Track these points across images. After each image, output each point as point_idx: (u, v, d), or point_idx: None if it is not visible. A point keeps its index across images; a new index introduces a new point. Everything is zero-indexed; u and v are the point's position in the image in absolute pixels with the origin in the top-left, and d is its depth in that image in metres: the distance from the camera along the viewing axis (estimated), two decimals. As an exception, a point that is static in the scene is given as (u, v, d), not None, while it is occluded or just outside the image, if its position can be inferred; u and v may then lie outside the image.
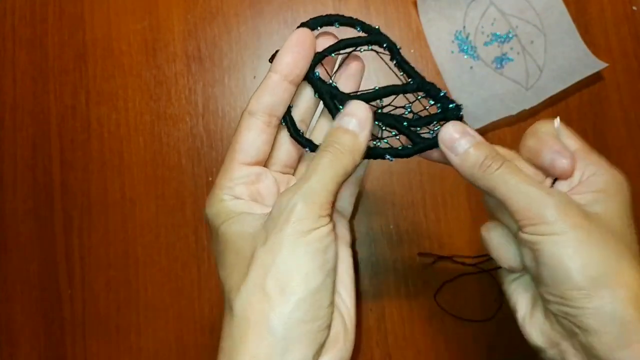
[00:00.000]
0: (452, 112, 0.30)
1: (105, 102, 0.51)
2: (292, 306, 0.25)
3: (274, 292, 0.25)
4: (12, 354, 0.49)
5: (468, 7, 0.51)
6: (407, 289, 0.48)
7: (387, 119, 0.31)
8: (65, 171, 0.50)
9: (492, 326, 0.48)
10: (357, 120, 0.29)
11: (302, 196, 0.26)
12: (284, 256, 0.26)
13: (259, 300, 0.26)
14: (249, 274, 0.26)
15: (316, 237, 0.26)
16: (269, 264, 0.26)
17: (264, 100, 0.30)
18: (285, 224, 0.26)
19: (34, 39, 0.52)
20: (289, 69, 0.30)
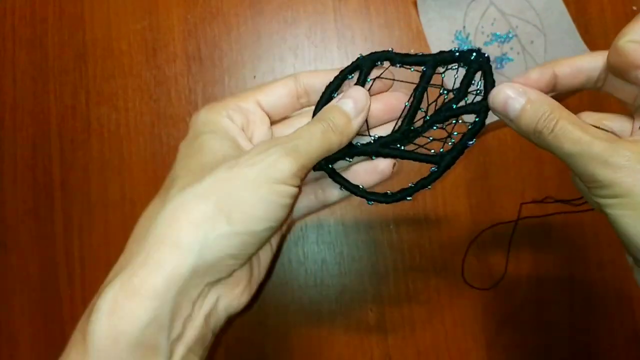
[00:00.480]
0: (477, 61, 0.31)
1: (105, 102, 0.51)
2: (226, 232, 0.25)
3: (216, 211, 0.25)
4: (12, 354, 0.49)
5: (468, 7, 0.51)
6: (407, 289, 0.48)
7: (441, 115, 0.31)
8: (65, 171, 0.50)
9: (491, 325, 0.48)
10: (354, 105, 0.30)
11: (286, 149, 0.26)
12: (245, 188, 0.25)
13: (197, 208, 0.25)
14: (202, 182, 0.25)
15: (282, 191, 0.26)
16: (227, 185, 0.25)
17: (317, 84, 0.31)
18: (260, 163, 0.26)
19: (34, 39, 0.52)
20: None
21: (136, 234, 0.27)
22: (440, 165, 0.31)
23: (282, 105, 0.32)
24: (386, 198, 0.32)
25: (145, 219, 0.27)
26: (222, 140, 0.28)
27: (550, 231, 0.49)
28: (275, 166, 0.26)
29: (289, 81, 0.31)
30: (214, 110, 0.30)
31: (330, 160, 0.32)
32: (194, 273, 0.24)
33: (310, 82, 0.31)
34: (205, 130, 0.29)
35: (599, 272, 0.48)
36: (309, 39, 0.51)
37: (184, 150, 0.29)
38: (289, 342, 0.48)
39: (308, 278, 0.48)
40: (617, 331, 0.48)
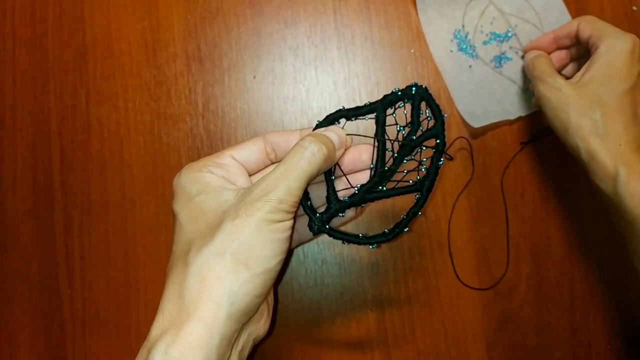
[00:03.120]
0: (418, 93, 0.35)
1: (105, 102, 0.51)
2: (248, 277, 0.29)
3: (234, 262, 0.28)
4: (12, 354, 0.49)
5: (467, 6, 0.51)
6: (407, 289, 0.48)
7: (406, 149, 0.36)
8: (65, 171, 0.50)
9: (491, 323, 0.48)
10: (338, 139, 0.34)
11: (280, 191, 0.30)
12: (251, 235, 0.29)
13: (218, 263, 0.29)
14: (214, 240, 0.29)
15: (281, 228, 0.30)
16: (236, 237, 0.29)
17: (281, 143, 0.36)
18: (258, 211, 0.29)
19: (34, 39, 0.52)
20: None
21: (169, 294, 0.30)
22: (423, 191, 0.35)
23: (254, 161, 0.36)
24: (386, 237, 0.35)
25: (173, 282, 0.30)
26: (214, 196, 0.31)
27: (550, 231, 0.49)
28: (273, 210, 0.29)
29: (259, 140, 0.36)
30: (194, 169, 0.33)
31: (325, 221, 0.34)
32: (229, 320, 0.28)
33: (276, 140, 0.36)
34: (194, 193, 0.32)
35: (599, 272, 0.48)
36: (309, 39, 0.51)
37: (183, 214, 0.32)
38: (289, 342, 0.48)
39: (308, 278, 0.48)
40: (617, 331, 0.48)
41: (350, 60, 0.50)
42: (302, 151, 0.32)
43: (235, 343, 0.30)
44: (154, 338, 0.28)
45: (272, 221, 0.29)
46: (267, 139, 0.36)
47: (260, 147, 0.36)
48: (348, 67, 0.50)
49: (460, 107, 0.49)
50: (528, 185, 0.49)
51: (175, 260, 0.31)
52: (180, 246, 0.31)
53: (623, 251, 0.48)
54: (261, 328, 0.35)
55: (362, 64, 0.50)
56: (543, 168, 0.49)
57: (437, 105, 0.35)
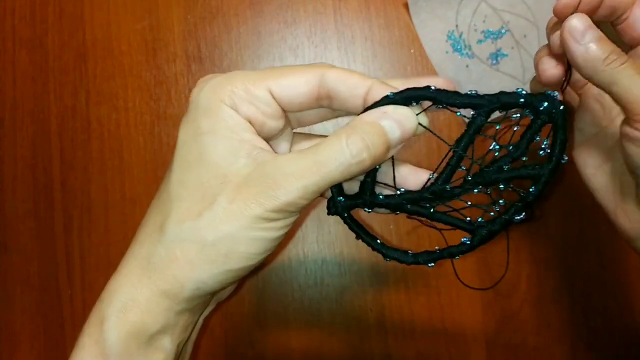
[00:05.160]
0: (548, 110, 0.25)
1: (105, 102, 0.51)
2: (222, 271, 0.26)
3: (212, 253, 0.25)
4: (12, 354, 0.49)
5: (459, 5, 0.51)
6: (407, 289, 0.48)
7: (486, 177, 0.26)
8: (65, 171, 0.50)
9: (491, 323, 0.48)
10: (400, 133, 0.26)
11: (292, 193, 0.24)
12: (241, 229, 0.25)
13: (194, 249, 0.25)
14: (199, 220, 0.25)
15: (277, 226, 0.26)
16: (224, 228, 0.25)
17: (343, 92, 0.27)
18: (258, 206, 0.24)
19: (34, 39, 0.52)
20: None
21: (136, 248, 0.28)
22: (474, 239, 0.27)
23: (297, 103, 0.27)
24: (406, 258, 0.28)
25: (144, 238, 0.28)
26: (224, 147, 0.26)
27: (550, 231, 0.49)
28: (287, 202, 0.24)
29: (313, 78, 0.26)
30: (217, 94, 0.26)
31: (346, 208, 0.28)
32: (192, 298, 0.26)
33: (336, 87, 0.26)
34: (204, 128, 0.26)
35: (599, 272, 0.48)
36: (309, 39, 0.51)
37: (183, 150, 0.28)
38: (289, 342, 0.48)
39: (308, 278, 0.48)
40: (617, 331, 0.48)
41: (350, 60, 0.50)
42: (338, 154, 0.25)
43: (197, 311, 0.28)
44: (111, 291, 0.27)
45: (270, 219, 0.25)
46: (325, 80, 0.26)
47: (311, 86, 0.26)
48: (348, 67, 0.50)
49: (460, 107, 0.49)
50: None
51: (156, 206, 0.28)
52: (164, 194, 0.27)
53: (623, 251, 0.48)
54: (225, 294, 0.33)
55: (362, 64, 0.50)
56: (543, 168, 0.49)
57: (565, 140, 0.25)
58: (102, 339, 0.26)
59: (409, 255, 0.28)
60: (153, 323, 0.26)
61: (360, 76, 0.27)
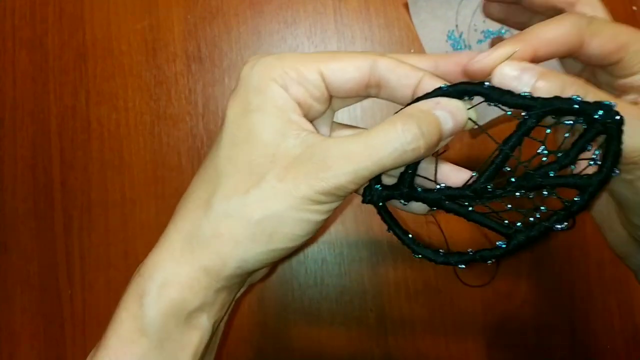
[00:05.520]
0: (603, 121, 0.23)
1: (105, 102, 0.51)
2: (266, 250, 0.25)
3: (257, 231, 0.25)
4: (12, 354, 0.49)
5: (459, 5, 0.51)
6: (407, 289, 0.48)
7: (531, 181, 0.26)
8: (65, 171, 0.50)
9: (491, 323, 0.48)
10: (453, 125, 0.26)
11: (343, 176, 0.24)
12: (288, 209, 0.24)
13: (240, 225, 0.25)
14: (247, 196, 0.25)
15: (324, 210, 0.25)
16: (271, 205, 0.25)
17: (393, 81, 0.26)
18: (308, 187, 0.24)
19: (34, 39, 0.52)
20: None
21: (180, 222, 0.27)
22: (510, 243, 0.26)
23: (346, 88, 0.27)
24: (436, 257, 0.28)
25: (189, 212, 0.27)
26: (272, 125, 0.25)
27: (550, 231, 0.49)
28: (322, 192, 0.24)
29: (365, 64, 0.26)
30: (269, 73, 0.26)
31: (383, 198, 0.28)
32: (231, 276, 0.26)
33: (388, 76, 0.26)
34: (253, 105, 0.26)
35: (599, 272, 0.48)
36: (309, 39, 0.51)
37: (231, 128, 0.26)
38: (289, 342, 0.48)
39: (308, 278, 0.48)
40: (617, 331, 0.48)
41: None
42: (393, 139, 0.24)
43: (234, 290, 0.28)
44: (152, 265, 0.26)
45: (317, 202, 0.24)
46: (376, 68, 0.26)
47: (362, 75, 0.26)
48: (348, 67, 0.50)
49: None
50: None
51: (202, 182, 0.27)
52: (211, 169, 0.27)
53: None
54: (259, 275, 0.32)
55: (362, 64, 0.50)
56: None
57: (619, 152, 0.24)
58: (141, 314, 0.26)
59: (439, 255, 0.28)
60: (192, 300, 0.25)
61: (411, 67, 0.26)
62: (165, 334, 0.26)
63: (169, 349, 0.26)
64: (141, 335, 0.26)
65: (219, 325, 0.29)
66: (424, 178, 0.28)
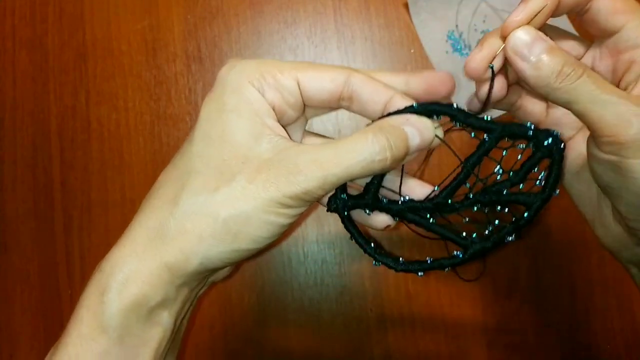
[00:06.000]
0: (550, 147, 0.26)
1: (105, 102, 0.51)
2: (229, 249, 0.26)
3: (223, 230, 0.25)
4: (12, 354, 0.49)
5: (459, 5, 0.51)
6: (407, 289, 0.48)
7: (487, 197, 0.28)
8: (65, 171, 0.50)
9: (491, 323, 0.48)
10: (419, 141, 0.27)
11: (312, 181, 0.25)
12: (255, 211, 0.25)
13: (206, 222, 0.25)
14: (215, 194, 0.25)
15: (290, 214, 0.26)
16: (239, 206, 0.25)
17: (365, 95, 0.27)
18: (276, 190, 0.25)
19: (34, 39, 0.52)
20: None
21: (144, 217, 0.27)
22: (467, 252, 0.28)
23: (320, 99, 0.28)
24: (395, 265, 0.29)
25: (155, 207, 0.27)
26: (247, 127, 0.26)
27: (550, 231, 0.49)
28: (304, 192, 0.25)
29: (339, 77, 0.27)
30: (247, 76, 0.27)
31: (347, 207, 0.29)
32: (193, 273, 0.26)
33: (361, 90, 0.27)
34: (229, 106, 0.26)
35: (599, 272, 0.48)
36: (309, 39, 0.51)
37: (205, 126, 0.27)
38: (289, 342, 0.48)
39: (308, 278, 0.48)
40: (617, 331, 0.48)
41: (350, 60, 0.50)
42: (363, 148, 0.25)
43: (195, 288, 0.28)
44: (114, 262, 0.26)
45: (284, 205, 0.25)
46: (350, 81, 0.27)
47: (337, 86, 0.27)
48: (348, 67, 0.50)
49: (460, 107, 0.49)
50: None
51: (170, 179, 0.27)
52: (181, 165, 0.27)
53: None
54: (223, 274, 0.33)
55: (362, 64, 0.50)
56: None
57: (558, 175, 0.27)
58: (102, 311, 0.26)
59: (399, 263, 0.29)
60: (154, 296, 0.26)
61: (383, 85, 0.28)
62: (126, 330, 0.26)
63: (130, 345, 0.26)
64: (101, 332, 0.26)
65: (181, 322, 0.29)
66: (389, 190, 0.29)
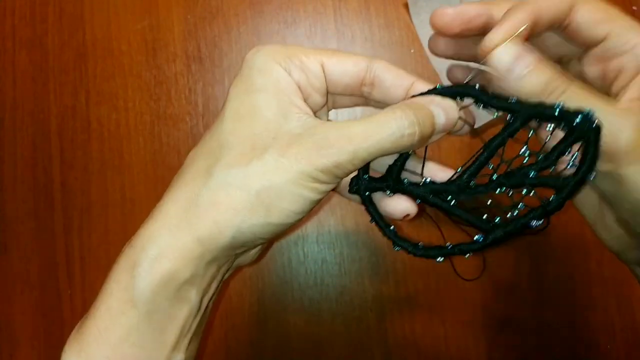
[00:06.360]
0: (582, 128, 0.25)
1: (105, 102, 0.51)
2: (262, 223, 0.26)
3: (256, 202, 0.25)
4: (12, 354, 0.49)
5: (459, 5, 0.51)
6: (407, 288, 0.48)
7: (512, 180, 0.27)
8: (65, 171, 0.50)
9: (491, 323, 0.48)
10: (445, 121, 0.27)
11: (343, 154, 0.25)
12: (287, 183, 0.25)
13: (239, 195, 0.25)
14: (248, 166, 0.25)
15: (321, 189, 0.26)
16: (271, 177, 0.25)
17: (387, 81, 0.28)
18: (308, 163, 0.25)
19: (34, 39, 0.52)
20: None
21: (177, 193, 0.27)
22: (488, 237, 0.27)
23: (342, 84, 0.29)
24: (415, 250, 0.28)
25: (187, 183, 0.27)
26: (275, 105, 0.26)
27: (550, 231, 0.49)
28: (322, 169, 0.25)
29: (362, 62, 0.28)
30: (273, 57, 0.27)
31: (369, 188, 0.29)
32: (225, 248, 0.26)
33: (383, 75, 0.28)
34: (257, 86, 0.27)
35: (599, 271, 0.48)
36: (309, 39, 0.51)
37: (234, 104, 0.27)
38: (289, 342, 0.48)
39: (308, 278, 0.48)
40: (617, 331, 0.48)
41: (350, 60, 0.50)
42: (392, 123, 0.25)
43: (223, 266, 0.28)
44: (146, 237, 0.27)
45: (316, 179, 0.25)
46: (373, 66, 0.28)
47: (359, 70, 0.28)
48: (348, 67, 0.50)
49: (460, 107, 0.49)
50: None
51: (202, 153, 0.27)
52: (213, 141, 0.27)
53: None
54: (251, 257, 0.32)
55: (362, 64, 0.50)
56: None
57: (595, 157, 0.25)
58: (132, 286, 0.26)
59: (419, 247, 0.28)
60: (184, 271, 0.26)
61: (405, 72, 0.29)
62: (155, 305, 0.26)
63: (158, 320, 0.26)
64: (131, 306, 0.26)
65: (207, 305, 0.29)
66: (411, 173, 0.29)
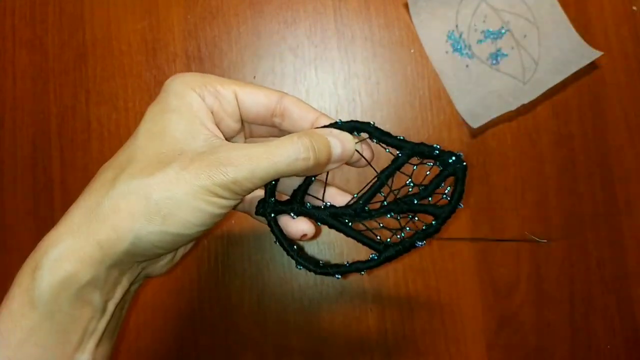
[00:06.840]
0: (454, 166, 0.30)
1: (105, 102, 0.51)
2: (158, 231, 0.27)
3: (154, 210, 0.27)
4: (12, 354, 0.49)
5: (459, 5, 0.51)
6: (407, 288, 0.48)
7: (399, 206, 0.31)
8: (65, 171, 0.50)
9: (491, 323, 0.48)
10: (341, 152, 0.30)
11: (241, 171, 0.27)
12: (185, 196, 0.27)
13: (139, 202, 0.27)
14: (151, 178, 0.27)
15: (220, 204, 0.28)
16: (171, 189, 0.27)
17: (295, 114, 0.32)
18: (207, 178, 0.27)
19: (34, 39, 0.52)
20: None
21: (83, 202, 0.29)
22: (381, 255, 0.31)
23: (255, 113, 0.32)
24: (315, 268, 0.31)
25: (93, 192, 0.29)
26: (185, 126, 0.29)
27: (550, 231, 0.49)
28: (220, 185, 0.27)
29: (273, 95, 0.32)
30: (189, 83, 0.30)
31: (275, 211, 0.31)
32: (125, 254, 0.27)
33: (291, 108, 0.32)
34: (171, 107, 0.29)
35: (599, 271, 0.48)
36: (309, 39, 0.51)
37: (148, 124, 0.29)
38: (289, 342, 0.48)
39: (308, 278, 0.48)
40: (617, 331, 0.48)
41: (350, 60, 0.50)
42: (289, 147, 0.28)
43: (126, 273, 0.29)
44: (48, 241, 0.28)
45: (215, 194, 0.27)
46: (283, 101, 0.32)
47: (270, 102, 0.32)
48: (348, 67, 0.50)
49: (460, 108, 0.49)
50: (528, 185, 0.49)
51: (111, 166, 0.29)
52: (123, 156, 0.29)
53: (623, 251, 0.48)
54: (159, 268, 0.33)
55: (362, 64, 0.50)
56: (543, 168, 0.49)
57: (462, 191, 0.30)
58: (32, 287, 0.26)
59: (319, 266, 0.31)
60: (84, 274, 0.26)
61: (311, 107, 0.32)
62: (56, 306, 0.26)
63: (60, 321, 0.27)
64: (31, 308, 0.26)
65: (115, 310, 0.29)
66: (313, 197, 0.33)
